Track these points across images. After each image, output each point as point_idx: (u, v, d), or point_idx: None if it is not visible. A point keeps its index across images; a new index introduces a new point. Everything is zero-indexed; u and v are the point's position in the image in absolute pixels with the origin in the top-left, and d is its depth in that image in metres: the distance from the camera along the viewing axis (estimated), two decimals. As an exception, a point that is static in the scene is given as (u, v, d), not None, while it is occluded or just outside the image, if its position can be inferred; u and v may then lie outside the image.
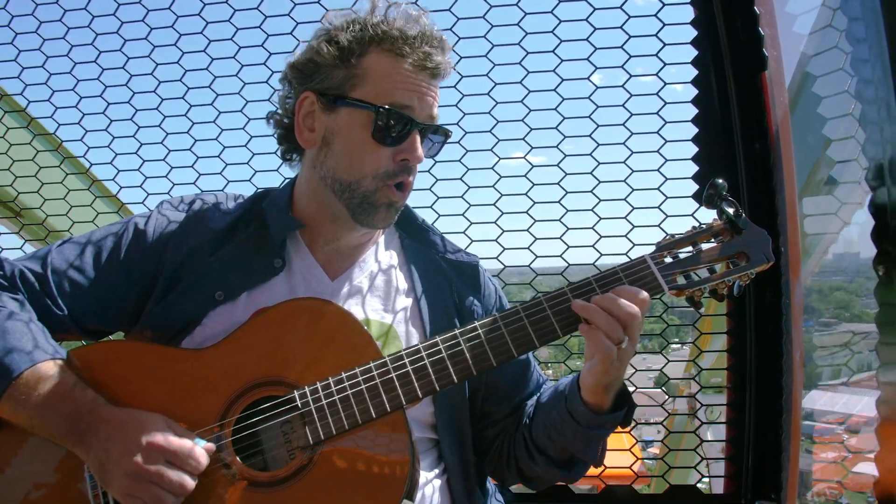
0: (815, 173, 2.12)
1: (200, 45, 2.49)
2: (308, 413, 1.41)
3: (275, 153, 1.76)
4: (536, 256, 2.34)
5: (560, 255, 2.30)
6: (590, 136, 2.26)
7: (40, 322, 1.54)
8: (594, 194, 2.27)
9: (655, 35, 2.10)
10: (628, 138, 2.23)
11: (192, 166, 2.58)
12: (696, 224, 1.54)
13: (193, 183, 2.60)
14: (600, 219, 2.27)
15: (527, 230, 2.32)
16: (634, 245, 2.21)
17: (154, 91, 2.54)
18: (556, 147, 2.33)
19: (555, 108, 2.26)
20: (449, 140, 1.69)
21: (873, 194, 1.52)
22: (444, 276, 1.77)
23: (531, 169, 2.35)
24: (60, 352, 1.51)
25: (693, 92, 2.11)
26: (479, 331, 1.44)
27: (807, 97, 2.04)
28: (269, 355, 1.48)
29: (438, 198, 2.39)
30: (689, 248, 1.50)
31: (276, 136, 1.73)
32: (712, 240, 1.52)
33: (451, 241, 1.84)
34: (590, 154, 2.27)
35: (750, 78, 1.94)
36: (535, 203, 2.32)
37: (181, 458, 1.35)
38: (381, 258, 1.75)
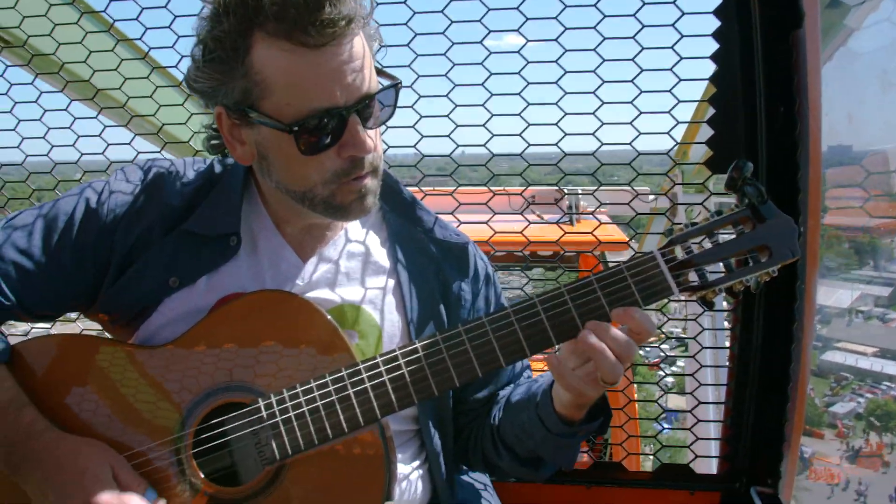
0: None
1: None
2: (275, 425, 1.27)
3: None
4: (529, 144, 2.11)
5: (556, 144, 2.07)
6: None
7: None
8: (597, 74, 1.98)
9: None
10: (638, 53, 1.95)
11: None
12: (712, 211, 1.36)
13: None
14: (603, 103, 2.01)
15: (519, 115, 2.06)
16: (640, 133, 1.99)
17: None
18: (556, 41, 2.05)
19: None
20: (402, 86, 1.38)
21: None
22: (429, 258, 1.59)
23: (525, 45, 2.08)
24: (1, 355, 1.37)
25: (713, 46, 1.88)
26: (464, 336, 1.26)
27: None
28: (231, 356, 1.33)
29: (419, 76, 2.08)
30: (704, 239, 1.34)
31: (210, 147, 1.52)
32: (731, 228, 1.34)
33: (440, 218, 1.66)
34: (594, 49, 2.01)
35: (781, 36, 1.71)
36: (528, 84, 2.03)
37: None
38: (357, 236, 1.56)
